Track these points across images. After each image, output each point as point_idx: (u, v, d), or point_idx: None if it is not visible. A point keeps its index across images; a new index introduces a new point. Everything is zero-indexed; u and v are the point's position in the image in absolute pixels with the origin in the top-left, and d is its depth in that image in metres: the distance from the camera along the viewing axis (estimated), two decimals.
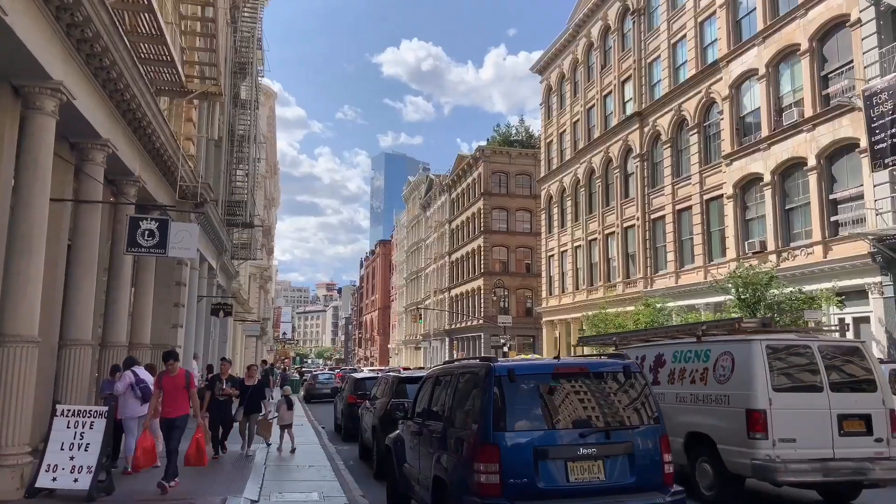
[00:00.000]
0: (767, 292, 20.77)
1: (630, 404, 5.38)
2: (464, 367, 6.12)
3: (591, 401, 5.24)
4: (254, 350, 56.84)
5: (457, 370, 6.20)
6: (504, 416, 4.96)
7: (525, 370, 5.28)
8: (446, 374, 6.54)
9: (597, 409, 5.24)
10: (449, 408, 5.95)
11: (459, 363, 6.55)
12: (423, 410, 6.96)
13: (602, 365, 5.50)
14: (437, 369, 7.25)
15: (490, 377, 5.13)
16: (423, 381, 7.47)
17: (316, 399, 33.24)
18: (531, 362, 5.41)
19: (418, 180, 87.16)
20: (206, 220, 17.85)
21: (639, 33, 34.82)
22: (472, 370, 5.72)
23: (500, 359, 5.65)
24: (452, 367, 6.51)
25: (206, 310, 20.71)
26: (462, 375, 5.94)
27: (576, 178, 41.20)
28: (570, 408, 5.18)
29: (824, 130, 21.97)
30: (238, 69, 20.14)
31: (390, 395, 11.07)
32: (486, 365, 5.37)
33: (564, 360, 5.58)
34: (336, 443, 15.41)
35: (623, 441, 5.15)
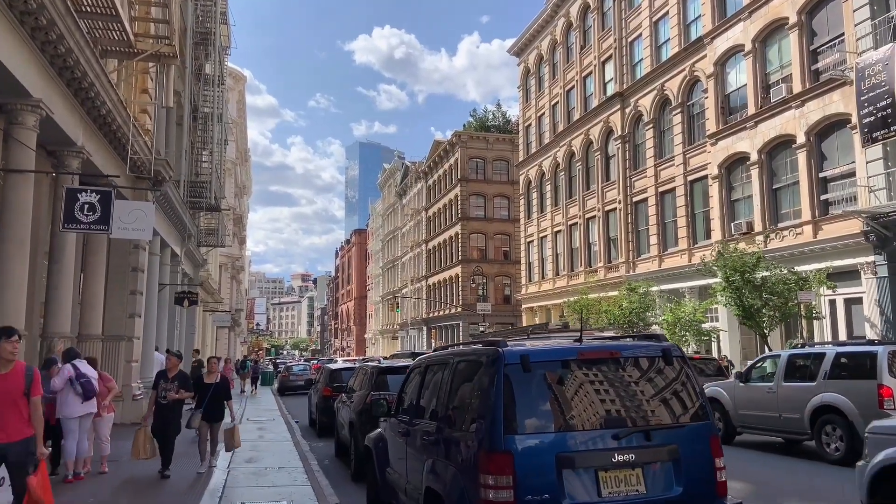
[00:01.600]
0: (755, 274, 20.12)
1: (672, 397, 4.32)
2: (462, 353, 5.06)
3: (625, 393, 4.21)
4: (226, 342, 55.24)
5: (453, 357, 5.13)
6: (517, 414, 3.95)
7: (542, 356, 4.22)
8: (439, 363, 5.44)
9: (632, 403, 4.20)
10: (444, 404, 4.92)
11: (457, 349, 5.43)
12: (411, 406, 5.87)
13: (636, 348, 4.46)
14: (428, 357, 6.05)
15: (498, 365, 4.10)
16: (410, 371, 6.36)
17: (290, 391, 32.08)
18: (548, 346, 4.41)
19: (394, 167, 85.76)
20: (167, 202, 16.54)
21: (619, 12, 33.92)
22: (474, 357, 4.68)
23: (510, 342, 4.57)
24: (447, 354, 5.40)
25: (169, 299, 19.41)
26: (460, 364, 4.91)
27: (555, 161, 40.32)
28: (600, 403, 4.14)
29: (814, 106, 21.30)
30: (200, 39, 18.73)
31: (369, 387, 9.86)
32: (493, 350, 4.32)
33: (590, 344, 4.48)
34: (310, 439, 14.32)
35: (667, 443, 4.11)
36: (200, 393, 9.55)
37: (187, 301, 18.81)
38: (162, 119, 17.38)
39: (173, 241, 19.12)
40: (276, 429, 15.02)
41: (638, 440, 4.06)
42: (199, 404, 9.55)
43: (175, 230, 18.78)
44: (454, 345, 5.85)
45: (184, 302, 18.77)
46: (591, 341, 4.60)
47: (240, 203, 59.90)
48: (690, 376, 4.42)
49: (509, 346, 4.35)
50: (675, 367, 4.39)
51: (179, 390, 9.07)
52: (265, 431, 14.56)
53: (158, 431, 8.96)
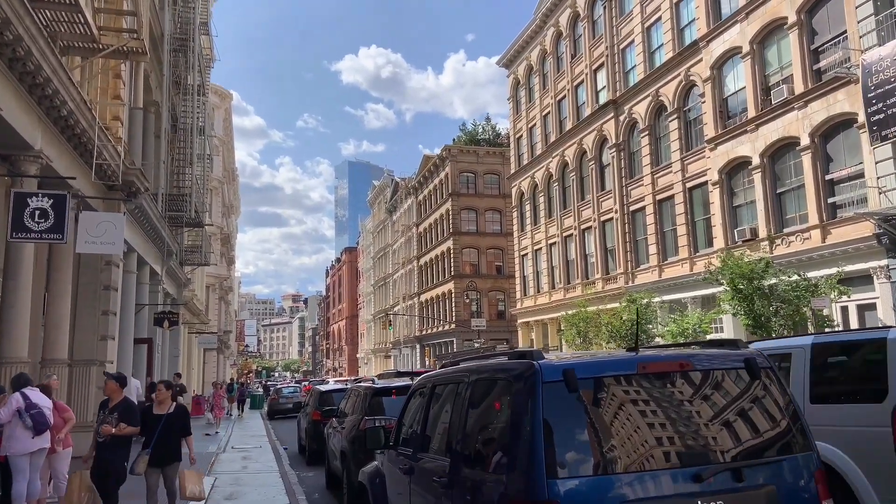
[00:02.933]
0: (764, 281, 19.27)
1: (762, 420, 3.30)
2: (481, 368, 3.99)
3: (701, 418, 3.19)
4: (215, 365, 53.80)
5: (468, 374, 4.07)
6: (562, 449, 2.96)
7: (592, 370, 3.22)
8: (450, 381, 4.41)
9: (713, 431, 3.18)
10: (459, 434, 3.88)
11: (472, 363, 4.29)
12: (414, 436, 4.81)
13: (712, 358, 3.41)
14: (435, 374, 4.93)
15: (533, 383, 3.10)
16: (413, 392, 5.31)
17: (280, 415, 30.84)
18: (597, 358, 3.44)
19: (383, 184, 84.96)
20: (143, 216, 15.52)
21: (610, 19, 33.40)
22: (498, 372, 3.66)
23: (547, 354, 3.60)
24: (460, 371, 4.29)
25: (149, 320, 18.30)
26: (478, 382, 3.89)
27: (548, 172, 39.59)
28: (671, 431, 3.13)
29: (818, 107, 20.62)
30: (179, 46, 17.81)
31: (363, 411, 8.71)
32: (525, 364, 3.31)
33: (650, 355, 3.43)
34: (299, 468, 13.22)
35: (762, 484, 3.09)
36: (148, 428, 7.27)
37: (167, 322, 17.71)
38: (138, 127, 16.41)
39: (152, 258, 18.06)
40: (262, 457, 13.91)
41: (725, 481, 3.01)
42: (146, 443, 7.31)
43: (154, 247, 17.73)
44: (467, 357, 4.79)
45: (164, 323, 17.67)
46: (650, 351, 3.61)
47: (227, 223, 58.81)
48: (783, 392, 3.41)
49: (547, 357, 3.38)
50: (763, 380, 3.37)
51: (119, 424, 6.99)
52: (250, 461, 13.45)
53: (96, 478, 7.11)
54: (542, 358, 3.35)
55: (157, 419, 7.34)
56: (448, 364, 4.73)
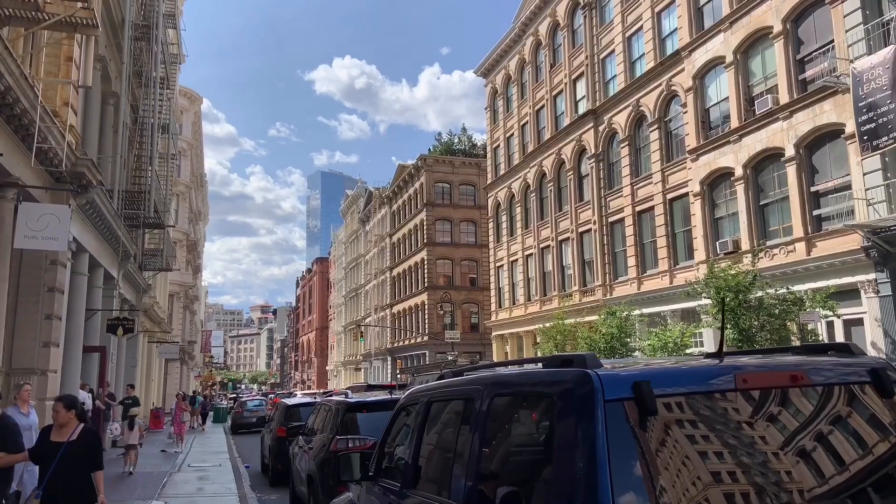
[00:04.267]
0: (750, 295, 18.73)
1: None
2: (503, 380, 2.97)
3: (821, 447, 2.29)
4: (178, 376, 51.84)
5: (481, 388, 3.01)
6: (637, 491, 2.06)
7: (673, 382, 2.30)
8: (454, 398, 3.37)
9: (837, 466, 2.28)
10: (469, 471, 2.85)
11: (488, 374, 3.18)
12: (403, 466, 3.73)
13: (830, 370, 2.49)
14: (431, 388, 3.78)
15: (590, 403, 2.18)
16: (400, 410, 4.26)
17: (244, 429, 29.41)
18: (678, 366, 2.54)
19: (357, 193, 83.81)
20: (96, 214, 14.31)
21: (590, 28, 33.05)
22: (531, 386, 2.72)
23: (604, 362, 2.59)
24: (470, 384, 3.20)
25: (102, 326, 16.99)
26: (499, 400, 2.86)
27: (525, 183, 38.99)
28: (785, 465, 2.22)
29: (803, 117, 20.27)
30: (141, 34, 16.65)
31: (334, 429, 7.62)
32: (577, 374, 2.34)
33: (749, 364, 2.49)
34: (261, 490, 12.08)
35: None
36: (41, 460, 5.61)
37: (122, 329, 16.42)
38: (94, 118, 15.24)
39: (107, 260, 16.78)
40: (220, 477, 12.73)
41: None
42: (39, 480, 5.72)
43: (109, 248, 16.47)
44: (481, 365, 3.81)
45: (118, 330, 16.38)
46: (744, 359, 2.65)
47: (195, 229, 57.08)
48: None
49: (606, 365, 2.42)
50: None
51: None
52: (207, 482, 12.27)
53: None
54: (599, 365, 2.38)
55: (53, 448, 5.50)
56: (451, 372, 3.69)
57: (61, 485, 5.40)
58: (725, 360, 2.55)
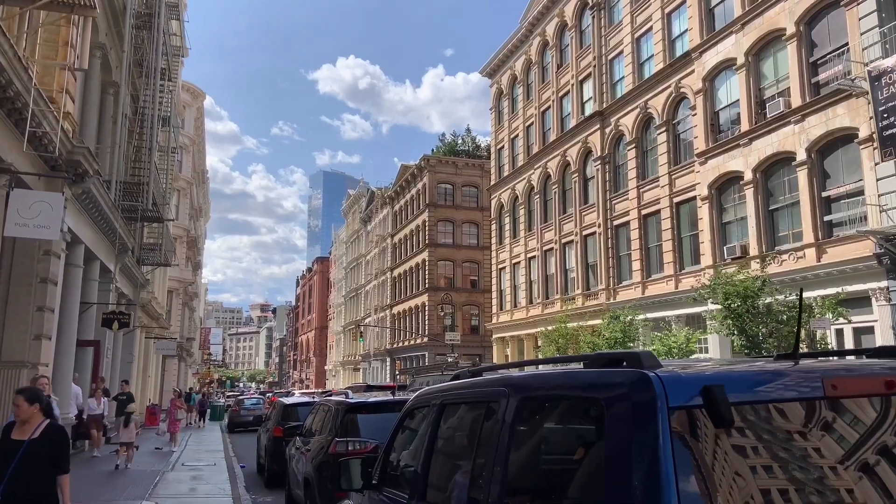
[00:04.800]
0: (759, 300, 18.36)
1: None
2: (535, 381, 2.55)
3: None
4: (175, 373, 51.47)
5: (508, 390, 2.57)
6: None
7: (750, 386, 1.88)
8: (473, 400, 2.95)
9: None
10: (493, 487, 2.42)
11: (516, 375, 2.73)
12: (412, 475, 3.33)
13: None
14: (444, 389, 3.31)
15: (650, 410, 1.77)
16: (408, 413, 3.81)
17: (240, 428, 29.03)
18: (753, 368, 2.13)
19: (359, 193, 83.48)
20: (92, 204, 13.95)
21: (599, 29, 32.71)
22: (572, 389, 2.28)
23: (666, 361, 2.23)
24: (493, 385, 2.76)
25: (97, 320, 16.62)
26: (531, 403, 2.46)
27: (529, 184, 38.63)
28: (888, 483, 1.78)
29: (815, 121, 19.91)
30: (142, 23, 16.31)
31: (333, 430, 7.18)
32: (632, 375, 1.93)
33: (835, 367, 2.08)
34: (256, 491, 11.71)
35: None
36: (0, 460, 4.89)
37: (117, 323, 16.05)
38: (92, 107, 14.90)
39: (103, 253, 16.43)
40: (214, 478, 12.36)
41: None
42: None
43: (106, 240, 16.11)
44: (505, 364, 3.42)
45: (113, 324, 16.01)
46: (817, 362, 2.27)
47: (195, 226, 56.74)
48: None
49: (666, 366, 2.04)
50: None
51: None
52: (200, 482, 11.89)
53: None
54: (657, 365, 1.98)
55: (14, 447, 4.84)
56: (467, 372, 3.24)
57: (21, 488, 4.76)
58: (801, 362, 2.16)
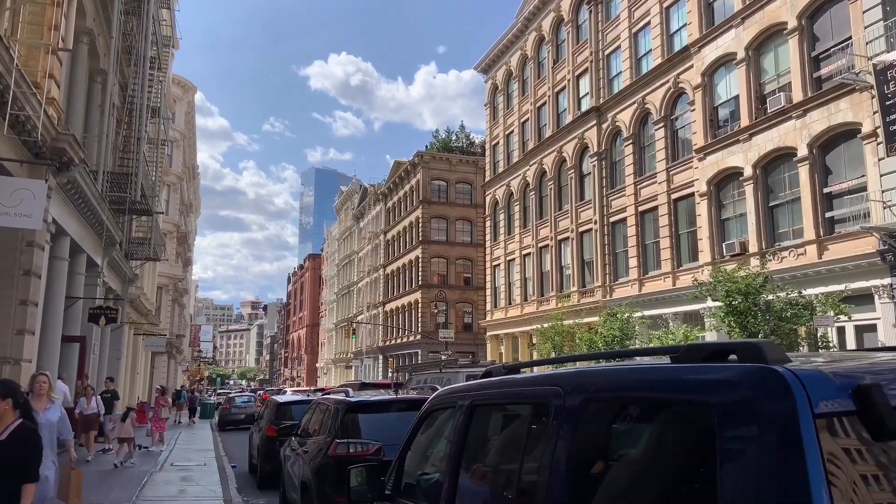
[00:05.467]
0: (759, 298, 18.07)
1: None
2: (601, 379, 2.07)
3: None
4: (164, 370, 50.84)
5: (563, 389, 2.07)
6: None
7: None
8: (512, 400, 2.55)
9: None
10: (546, 501, 1.95)
11: (573, 370, 2.30)
12: (434, 486, 2.87)
13: None
14: (474, 388, 2.82)
15: (792, 418, 1.27)
16: (427, 414, 3.33)
17: (231, 426, 28.54)
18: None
19: (351, 189, 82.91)
20: (78, 195, 13.47)
21: (596, 24, 32.39)
22: (658, 390, 1.76)
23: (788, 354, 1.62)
24: (539, 383, 2.30)
25: (84, 315, 16.13)
26: (593, 406, 1.96)
27: (524, 181, 38.28)
28: None
29: (817, 116, 19.64)
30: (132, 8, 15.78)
31: (333, 431, 6.67)
32: (757, 372, 1.44)
33: None
34: (249, 493, 11.28)
35: None
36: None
37: (104, 318, 15.58)
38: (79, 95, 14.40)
39: (90, 246, 15.93)
40: (204, 478, 11.92)
41: None
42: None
43: (92, 233, 15.62)
44: (553, 360, 2.84)
45: (100, 319, 15.53)
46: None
47: (185, 221, 56.07)
48: None
49: (797, 361, 1.59)
50: None
51: None
52: (189, 483, 11.45)
53: None
54: (785, 359, 1.55)
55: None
56: (502, 369, 2.77)
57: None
58: None
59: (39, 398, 6.47)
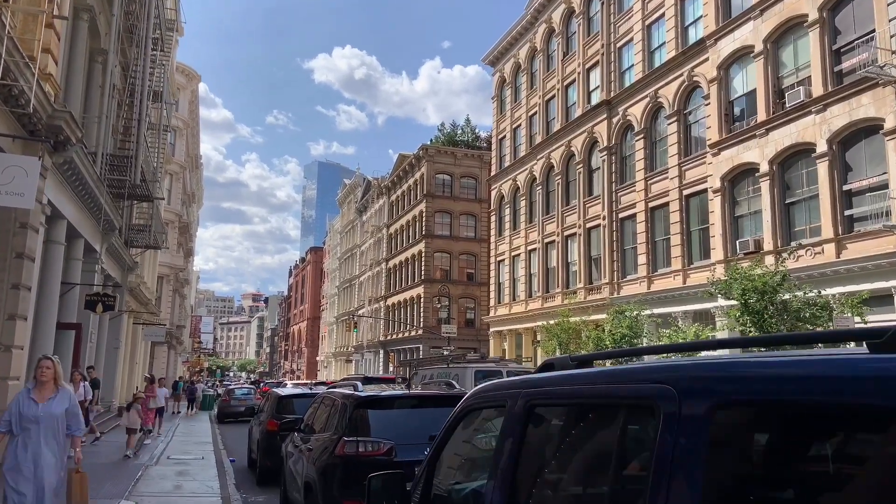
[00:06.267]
0: (776, 297, 17.55)
1: None
2: (747, 375, 1.43)
3: None
4: (164, 360, 50.42)
5: (675, 389, 1.48)
6: None
7: None
8: (591, 400, 1.90)
9: None
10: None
11: (688, 363, 1.67)
12: (475, 498, 2.41)
13: None
14: (525, 384, 2.24)
15: None
16: (464, 414, 2.75)
17: (230, 418, 28.10)
18: None
19: (354, 183, 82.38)
20: (76, 177, 12.96)
21: (607, 16, 31.79)
22: (854, 395, 1.18)
23: None
24: (635, 380, 1.69)
25: (80, 302, 15.65)
26: (735, 411, 1.39)
27: (531, 175, 37.73)
28: None
29: (838, 111, 19.09)
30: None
31: (340, 428, 6.13)
32: None
33: None
34: (248, 489, 10.80)
35: None
36: None
37: (102, 305, 15.09)
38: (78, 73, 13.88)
39: (88, 231, 15.44)
40: (202, 473, 11.44)
41: None
42: None
43: (90, 217, 15.12)
44: (642, 349, 2.28)
45: (97, 306, 15.05)
46: None
47: (188, 212, 55.61)
48: None
49: None
50: None
51: None
52: (186, 477, 10.97)
53: None
54: None
55: None
56: (570, 362, 2.23)
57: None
58: None
59: (43, 386, 5.78)
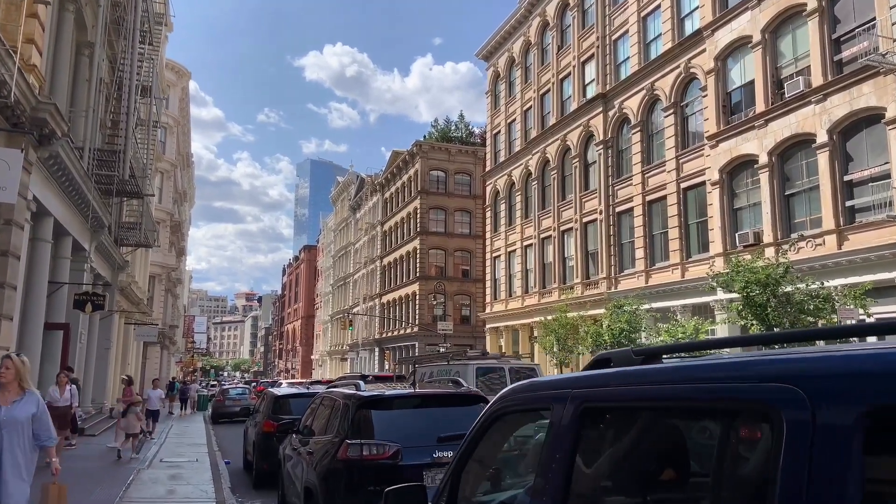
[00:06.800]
0: (778, 289, 17.31)
1: None
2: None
3: None
4: (157, 361, 49.92)
5: (804, 391, 1.13)
6: None
7: None
8: (668, 403, 1.53)
9: None
10: None
11: (813, 354, 1.26)
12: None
13: None
14: (575, 383, 1.89)
15: None
16: (490, 420, 2.32)
17: (225, 419, 27.71)
18: None
19: (348, 180, 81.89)
20: (63, 173, 12.56)
21: (602, 8, 31.49)
22: None
23: None
24: (731, 378, 1.34)
25: (69, 302, 15.25)
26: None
27: (527, 170, 37.44)
28: None
29: (838, 101, 18.86)
30: None
31: (343, 430, 5.79)
32: None
33: None
34: (243, 493, 10.46)
35: None
36: None
37: (91, 305, 14.69)
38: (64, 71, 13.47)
39: (76, 228, 15.03)
40: (196, 476, 11.10)
41: None
42: None
43: (78, 214, 14.72)
44: (742, 339, 1.90)
45: (85, 306, 14.65)
46: None
47: (179, 211, 55.07)
48: None
49: None
50: None
51: None
52: (179, 481, 10.62)
53: None
54: None
55: None
56: (634, 357, 1.83)
57: None
58: None
59: (4, 388, 5.38)
